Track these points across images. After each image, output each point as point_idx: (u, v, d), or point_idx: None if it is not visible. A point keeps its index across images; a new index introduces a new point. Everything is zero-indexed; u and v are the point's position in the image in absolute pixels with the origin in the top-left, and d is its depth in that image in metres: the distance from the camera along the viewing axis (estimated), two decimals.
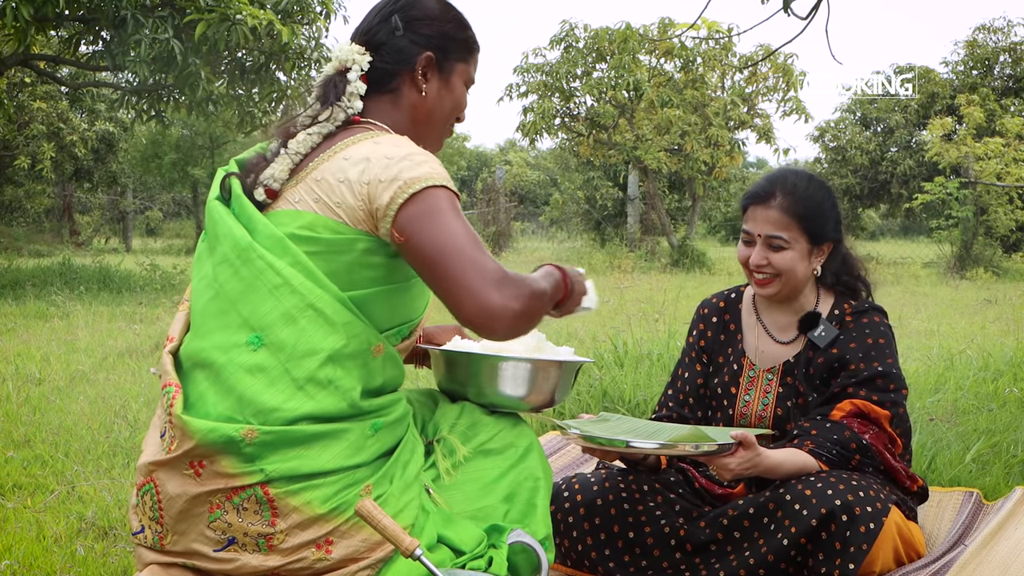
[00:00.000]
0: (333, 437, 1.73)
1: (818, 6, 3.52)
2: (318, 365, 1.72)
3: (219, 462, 1.71)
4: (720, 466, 2.29)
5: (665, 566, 2.43)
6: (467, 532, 1.84)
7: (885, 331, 2.53)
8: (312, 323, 1.73)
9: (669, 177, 20.88)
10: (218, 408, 1.73)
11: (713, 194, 20.93)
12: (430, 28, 1.94)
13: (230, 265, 1.79)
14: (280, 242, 1.76)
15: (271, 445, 1.70)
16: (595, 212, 23.31)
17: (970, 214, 15.68)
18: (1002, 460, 3.54)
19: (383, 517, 1.75)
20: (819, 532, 2.25)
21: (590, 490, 2.51)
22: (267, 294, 1.74)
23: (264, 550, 1.71)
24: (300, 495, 1.70)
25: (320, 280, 1.74)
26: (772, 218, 2.49)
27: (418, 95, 1.93)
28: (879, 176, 22.61)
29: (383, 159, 1.77)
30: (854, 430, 2.40)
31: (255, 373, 1.72)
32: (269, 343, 1.73)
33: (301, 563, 1.71)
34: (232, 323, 1.76)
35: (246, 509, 1.70)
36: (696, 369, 2.70)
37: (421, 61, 1.92)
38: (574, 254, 18.69)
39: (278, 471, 1.69)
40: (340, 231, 1.76)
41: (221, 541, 1.72)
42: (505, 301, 1.66)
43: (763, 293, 2.55)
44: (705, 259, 16.61)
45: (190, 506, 1.74)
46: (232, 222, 1.81)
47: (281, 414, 1.70)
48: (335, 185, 1.78)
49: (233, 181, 1.86)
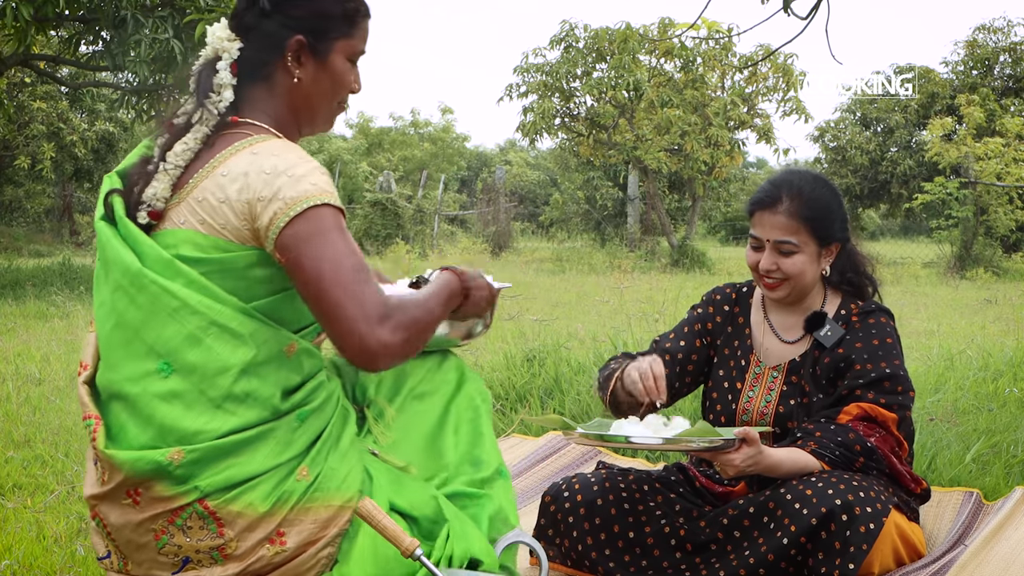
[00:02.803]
0: (261, 440, 1.71)
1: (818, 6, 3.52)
2: (232, 381, 1.69)
3: (154, 488, 1.69)
4: (724, 462, 2.29)
5: (665, 566, 2.42)
6: (418, 495, 1.82)
7: (891, 332, 2.53)
8: (218, 340, 1.69)
9: (669, 177, 20.88)
10: (140, 439, 1.70)
11: (713, 194, 20.93)
12: (301, 8, 1.80)
13: (125, 293, 1.73)
14: (170, 265, 1.71)
15: (200, 462, 1.68)
16: (595, 212, 23.31)
17: (970, 214, 15.67)
18: (1002, 460, 3.54)
19: (383, 518, 1.75)
20: (819, 532, 2.25)
21: (590, 490, 2.51)
22: (167, 318, 1.69)
23: (220, 561, 1.70)
24: (239, 500, 1.69)
25: (218, 296, 1.70)
26: (780, 223, 2.48)
27: (291, 82, 1.82)
28: (879, 176, 22.61)
29: (262, 174, 1.69)
30: (859, 433, 2.40)
31: (170, 400, 1.69)
32: (179, 368, 1.69)
33: (260, 562, 1.71)
34: (139, 352, 1.71)
35: (191, 527, 1.69)
36: (695, 343, 2.69)
37: (291, 46, 1.80)
38: (574, 254, 18.68)
39: (213, 484, 1.68)
40: (229, 249, 1.71)
41: (176, 564, 1.72)
42: (384, 338, 1.62)
43: (773, 296, 2.55)
44: (705, 259, 16.60)
45: (136, 535, 1.73)
46: (120, 246, 1.74)
47: (204, 436, 1.68)
48: (216, 206, 1.72)
49: (116, 200, 1.78)
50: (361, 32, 1.88)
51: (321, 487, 1.73)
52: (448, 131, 31.00)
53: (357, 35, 1.87)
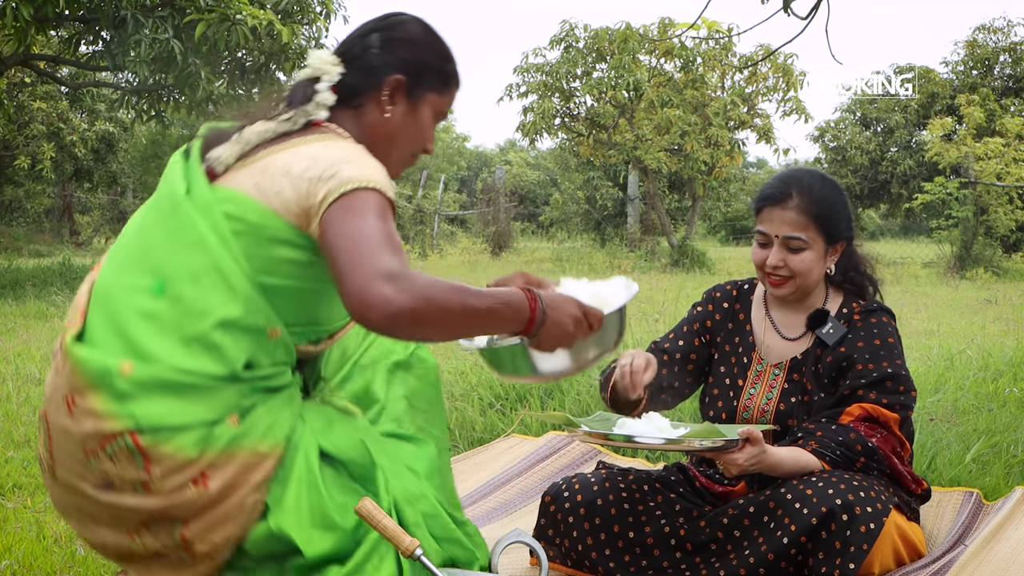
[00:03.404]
0: (209, 393, 1.72)
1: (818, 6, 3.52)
2: (209, 327, 1.71)
3: (90, 398, 1.71)
4: (727, 461, 2.29)
5: (665, 566, 2.42)
6: (345, 438, 1.82)
7: (893, 332, 2.53)
8: (215, 286, 1.73)
9: (669, 177, 20.87)
10: (104, 344, 1.73)
11: (713, 194, 20.91)
12: (407, 51, 1.92)
13: (159, 211, 1.82)
14: (209, 208, 1.78)
15: (145, 386, 1.69)
16: (595, 212, 23.31)
17: (970, 214, 15.67)
18: (1002, 460, 3.54)
19: (383, 518, 1.75)
20: (819, 531, 2.25)
21: (590, 490, 2.51)
22: (182, 248, 1.76)
23: (142, 492, 1.72)
24: (171, 443, 1.70)
25: (234, 252, 1.75)
26: (790, 219, 2.48)
27: (380, 116, 1.90)
28: (879, 176, 22.60)
29: (329, 159, 1.76)
30: (861, 433, 2.40)
31: (147, 319, 1.73)
32: (169, 294, 1.74)
33: (182, 501, 1.71)
34: (142, 266, 1.77)
35: (119, 459, 1.71)
36: (693, 343, 2.69)
37: (390, 82, 1.90)
38: (574, 254, 18.68)
39: (148, 420, 1.69)
40: (268, 217, 1.76)
41: (99, 484, 1.74)
42: (388, 293, 1.56)
43: (777, 294, 2.55)
44: (705, 259, 16.59)
45: (68, 444, 1.75)
46: (179, 174, 1.83)
47: (161, 364, 1.70)
48: (276, 176, 1.78)
49: (196, 144, 1.88)
50: (450, 96, 1.99)
51: (248, 434, 1.74)
52: (448, 131, 31.00)
53: (447, 95, 1.98)
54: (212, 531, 1.74)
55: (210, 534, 1.74)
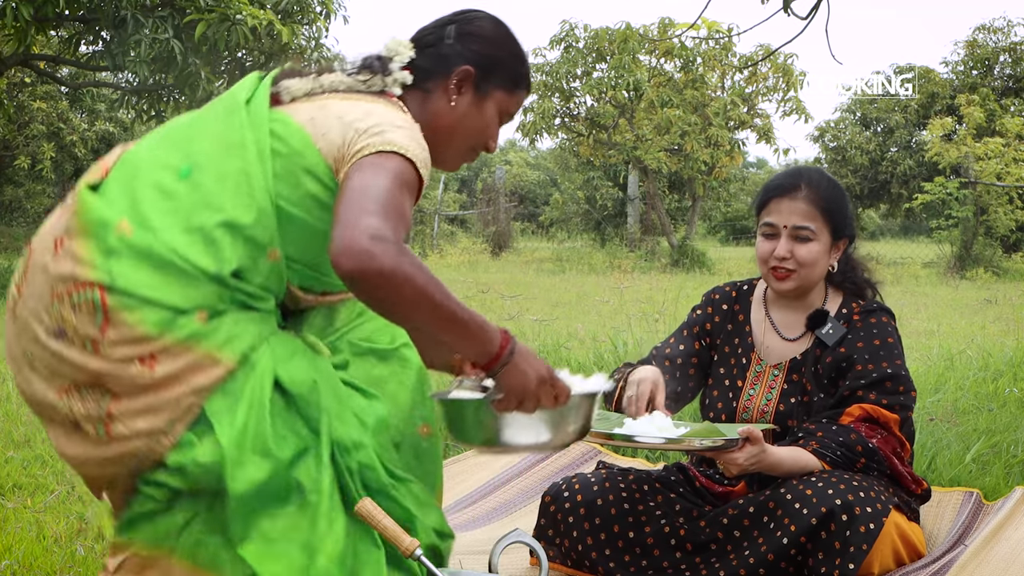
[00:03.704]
0: (189, 282, 1.71)
1: (818, 6, 3.52)
2: (215, 223, 1.72)
3: (78, 242, 1.72)
4: (727, 461, 2.29)
5: (665, 566, 2.43)
6: (300, 373, 1.78)
7: (893, 332, 2.53)
8: (237, 188, 1.75)
9: (669, 177, 20.87)
10: (113, 201, 1.75)
11: (713, 194, 20.91)
12: (480, 46, 1.96)
13: (214, 112, 1.87)
14: (261, 121, 1.81)
15: (133, 251, 1.70)
16: (595, 212, 23.31)
17: (970, 214, 15.68)
18: (1002, 460, 3.54)
19: (383, 518, 1.75)
20: (819, 531, 2.25)
21: (590, 490, 2.51)
22: (221, 147, 1.79)
23: (89, 351, 1.71)
24: (135, 313, 1.69)
25: (265, 165, 1.77)
26: (799, 209, 2.49)
27: (446, 104, 1.94)
28: (879, 176, 22.60)
29: (383, 119, 1.80)
30: (861, 434, 2.40)
31: (162, 195, 1.74)
32: (192, 181, 1.76)
33: (123, 374, 1.70)
34: (179, 150, 1.80)
35: (81, 311, 1.70)
36: (693, 346, 2.69)
37: (459, 72, 1.93)
38: (574, 254, 18.68)
39: (123, 282, 1.69)
40: (309, 148, 1.79)
41: (53, 331, 1.73)
42: (373, 249, 1.59)
43: (780, 288, 2.54)
44: (705, 259, 16.59)
45: (41, 283, 1.76)
46: (246, 88, 1.88)
47: (156, 239, 1.71)
48: (331, 118, 1.81)
49: (273, 73, 1.93)
50: (518, 97, 2.01)
51: (210, 335, 1.71)
52: None
53: (515, 96, 2.01)
54: (138, 416, 1.71)
55: (135, 418, 1.71)
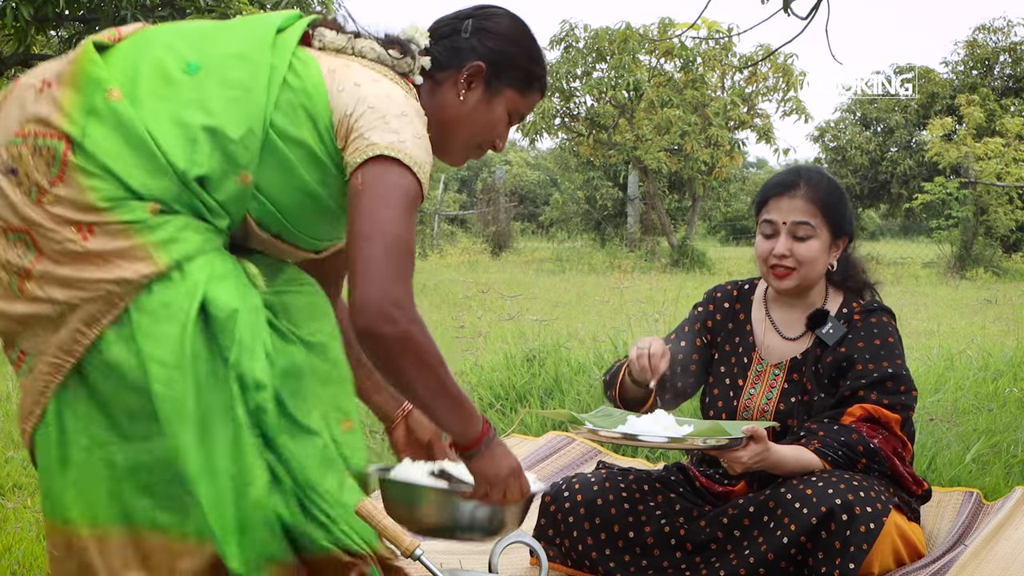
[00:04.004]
0: (154, 172, 1.68)
1: (818, 6, 3.52)
2: (200, 125, 1.70)
3: (65, 91, 1.70)
4: (731, 459, 2.29)
5: (665, 566, 2.43)
6: (227, 296, 1.72)
7: (893, 331, 2.53)
8: (235, 102, 1.73)
9: (669, 177, 20.87)
10: (113, 67, 1.73)
11: (713, 194, 20.91)
12: (495, 43, 1.93)
13: (245, 24, 1.83)
14: (285, 52, 1.79)
15: (113, 120, 1.68)
16: (595, 212, 23.31)
17: (970, 214, 15.68)
18: (1002, 460, 3.54)
19: (383, 518, 1.75)
20: (819, 531, 2.25)
21: (590, 490, 2.51)
22: (236, 59, 1.76)
23: (32, 200, 1.68)
24: (91, 179, 1.67)
25: (272, 92, 1.75)
26: (799, 206, 2.50)
27: (455, 98, 1.92)
28: (879, 176, 22.61)
29: (397, 109, 1.78)
30: (863, 434, 2.40)
31: (163, 80, 1.72)
32: (196, 78, 1.73)
33: (55, 234, 1.67)
34: (195, 46, 1.78)
35: (39, 157, 1.68)
36: (695, 343, 2.69)
37: (471, 67, 1.91)
38: (574, 254, 18.68)
39: (92, 144, 1.67)
40: (320, 96, 1.77)
41: (4, 165, 1.71)
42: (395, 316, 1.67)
43: (780, 287, 2.55)
44: (705, 259, 16.59)
45: (12, 117, 1.73)
46: (282, 17, 1.85)
47: (140, 116, 1.69)
48: (349, 79, 1.79)
49: (315, 16, 1.91)
50: (530, 98, 1.99)
51: (153, 229, 1.68)
52: None
53: (527, 97, 1.98)
54: (55, 284, 1.68)
55: (52, 285, 1.68)
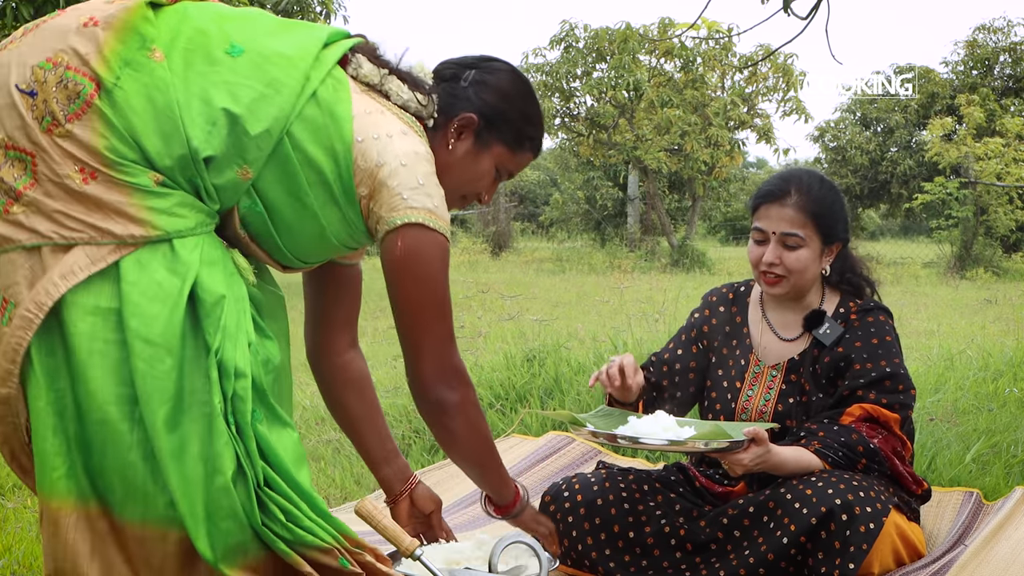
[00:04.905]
0: (170, 140, 1.68)
1: (818, 6, 3.52)
2: (223, 108, 1.70)
3: (108, 35, 1.69)
4: (733, 461, 2.29)
5: (665, 566, 2.43)
6: (213, 279, 1.72)
7: (891, 331, 2.53)
8: (263, 99, 1.71)
9: (669, 177, 20.88)
10: (161, 27, 1.72)
11: (713, 194, 20.92)
12: (492, 97, 1.93)
13: (295, 28, 1.83)
14: (324, 67, 1.78)
15: (150, 80, 1.68)
16: (595, 212, 23.31)
17: (970, 214, 15.68)
18: (1002, 460, 3.54)
19: (383, 518, 1.76)
20: (819, 531, 2.25)
21: (590, 490, 2.51)
22: (277, 57, 1.75)
23: (44, 126, 1.67)
24: (108, 130, 1.66)
25: (300, 103, 1.74)
26: (788, 216, 2.49)
27: (444, 145, 1.91)
28: (879, 176, 22.62)
29: (426, 164, 1.80)
30: (862, 434, 2.40)
31: (205, 58, 1.72)
32: (236, 62, 1.72)
33: (57, 166, 1.67)
34: (245, 33, 1.76)
35: (65, 89, 1.67)
36: (691, 350, 2.69)
37: (463, 118, 1.91)
38: (574, 254, 18.68)
39: (122, 95, 1.66)
40: (346, 127, 1.76)
41: (28, 86, 1.69)
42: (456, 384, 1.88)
43: (772, 292, 2.55)
44: (705, 259, 16.59)
45: (48, 42, 1.71)
46: (331, 31, 1.84)
47: (174, 83, 1.69)
48: (380, 127, 1.78)
49: (360, 40, 1.89)
50: (520, 157, 2.00)
51: (151, 198, 1.68)
52: None
53: (517, 156, 1.99)
54: (42, 214, 1.67)
55: (38, 214, 1.67)
